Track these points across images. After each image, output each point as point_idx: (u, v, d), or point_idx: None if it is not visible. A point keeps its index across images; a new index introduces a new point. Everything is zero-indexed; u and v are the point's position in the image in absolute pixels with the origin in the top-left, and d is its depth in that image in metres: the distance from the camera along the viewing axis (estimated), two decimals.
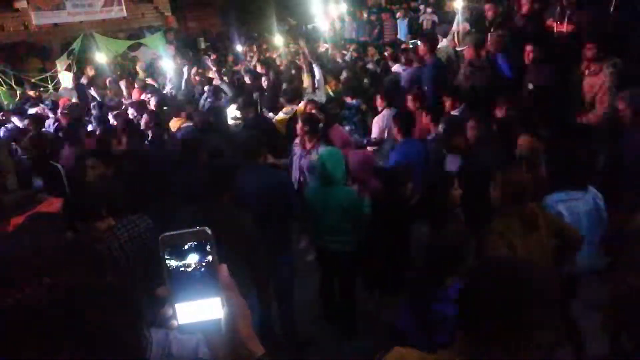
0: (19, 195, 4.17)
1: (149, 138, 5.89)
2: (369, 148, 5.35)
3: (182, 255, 0.86)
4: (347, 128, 5.85)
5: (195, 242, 0.86)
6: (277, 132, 5.66)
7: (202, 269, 0.87)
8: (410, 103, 5.23)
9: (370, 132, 5.59)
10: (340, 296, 4.04)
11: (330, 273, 4.02)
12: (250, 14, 17.94)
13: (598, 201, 3.23)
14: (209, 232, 0.88)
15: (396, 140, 4.51)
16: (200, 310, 0.87)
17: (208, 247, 0.87)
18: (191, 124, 6.03)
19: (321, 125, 4.78)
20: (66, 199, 3.44)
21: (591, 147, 5.34)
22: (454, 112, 5.07)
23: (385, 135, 5.32)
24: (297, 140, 4.84)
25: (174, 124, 6.21)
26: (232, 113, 6.42)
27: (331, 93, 6.94)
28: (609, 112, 4.81)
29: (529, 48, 5.42)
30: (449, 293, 2.39)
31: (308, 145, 4.58)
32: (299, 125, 4.62)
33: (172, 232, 0.86)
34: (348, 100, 6.02)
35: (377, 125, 5.41)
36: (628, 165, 4.03)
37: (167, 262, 0.86)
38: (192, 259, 0.87)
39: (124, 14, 15.42)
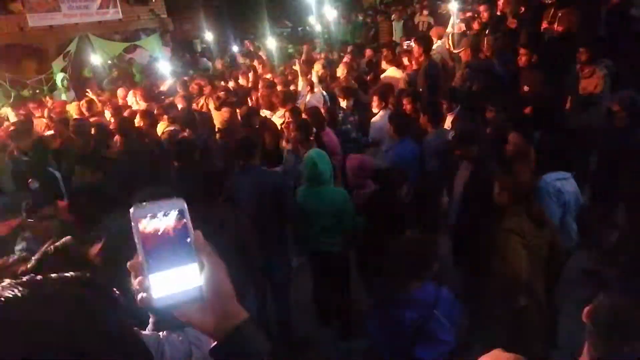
0: (15, 197, 4.19)
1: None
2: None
3: (154, 224, 0.82)
4: (343, 128, 5.86)
5: (168, 211, 0.83)
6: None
7: (177, 237, 0.83)
8: (405, 104, 5.26)
9: (367, 133, 5.60)
10: (334, 297, 4.05)
11: (324, 274, 4.03)
12: (245, 16, 17.96)
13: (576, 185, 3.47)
14: (183, 201, 0.85)
15: (391, 140, 4.52)
16: (177, 280, 0.82)
17: (181, 215, 0.84)
18: (175, 127, 6.03)
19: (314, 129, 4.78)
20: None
21: (584, 147, 5.41)
22: (450, 114, 5.11)
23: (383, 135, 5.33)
24: (289, 147, 4.82)
25: (159, 128, 6.19)
26: None
27: (325, 94, 6.95)
28: (602, 113, 4.87)
29: (522, 52, 5.47)
30: (413, 297, 2.41)
31: (302, 152, 4.55)
32: (293, 132, 4.61)
33: (144, 203, 0.83)
34: (342, 102, 6.02)
35: (374, 126, 5.42)
36: (622, 165, 4.11)
37: (139, 232, 0.81)
38: (166, 227, 0.83)
39: (120, 16, 15.37)
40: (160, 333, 1.74)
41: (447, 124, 5.01)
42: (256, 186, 3.65)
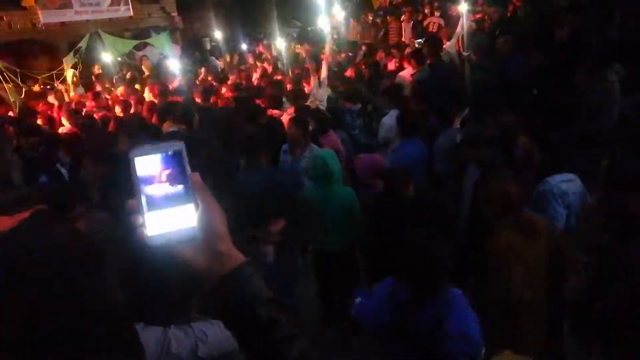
0: (24, 190, 4.23)
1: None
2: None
3: (152, 164, 0.84)
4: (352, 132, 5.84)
5: (166, 152, 0.85)
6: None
7: (174, 177, 0.85)
8: (414, 104, 5.24)
9: (376, 134, 5.58)
10: (340, 296, 4.05)
11: (330, 273, 4.03)
12: (255, 14, 18.00)
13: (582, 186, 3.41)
14: (181, 143, 0.86)
15: (399, 140, 4.50)
16: (172, 219, 0.83)
17: (179, 156, 0.85)
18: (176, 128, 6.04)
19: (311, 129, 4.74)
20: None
21: (595, 152, 5.35)
22: (459, 117, 5.08)
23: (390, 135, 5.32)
24: (284, 147, 4.74)
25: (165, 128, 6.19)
26: None
27: (331, 94, 6.95)
28: (613, 119, 4.83)
29: (533, 54, 5.43)
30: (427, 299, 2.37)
31: (298, 152, 4.52)
32: (292, 129, 4.51)
33: (144, 145, 0.85)
34: (348, 105, 5.99)
35: (385, 126, 5.40)
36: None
37: (137, 171, 0.83)
38: (163, 167, 0.84)
39: (130, 13, 15.50)
40: (168, 329, 1.76)
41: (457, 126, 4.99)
42: (263, 185, 3.65)
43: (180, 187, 0.84)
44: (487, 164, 3.64)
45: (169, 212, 0.83)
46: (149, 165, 0.84)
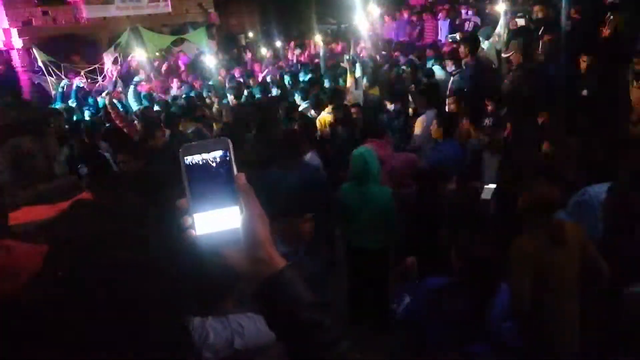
0: (65, 180, 4.38)
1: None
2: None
3: (201, 164, 0.84)
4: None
5: (214, 152, 0.85)
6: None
7: (221, 178, 0.84)
8: (451, 105, 5.18)
9: (411, 136, 5.52)
10: (374, 294, 4.04)
11: (361, 271, 4.02)
12: (290, 12, 18.07)
13: None
14: (229, 141, 0.86)
15: (436, 139, 4.45)
16: (218, 220, 0.84)
17: (227, 155, 0.85)
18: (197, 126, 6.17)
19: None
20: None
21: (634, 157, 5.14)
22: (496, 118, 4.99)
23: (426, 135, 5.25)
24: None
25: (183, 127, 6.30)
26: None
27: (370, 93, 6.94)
28: None
29: (583, 57, 5.25)
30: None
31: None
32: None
33: (193, 143, 0.85)
34: (388, 105, 5.94)
35: (419, 126, 5.35)
36: None
37: (187, 171, 0.84)
38: (211, 167, 0.84)
39: (169, 9, 15.81)
40: (205, 319, 1.79)
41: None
42: (295, 183, 3.67)
43: (227, 188, 0.85)
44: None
45: (215, 214, 0.84)
46: (198, 164, 0.84)
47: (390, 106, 5.93)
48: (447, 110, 5.29)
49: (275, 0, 18.59)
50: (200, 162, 0.84)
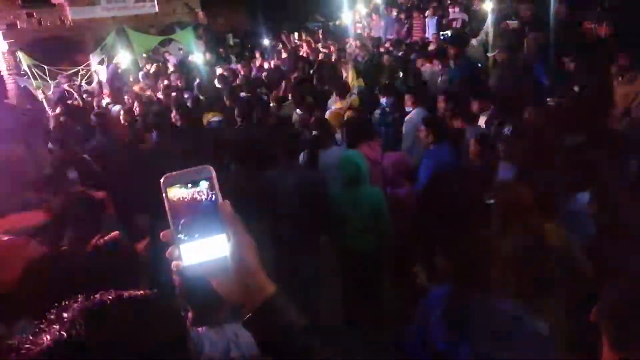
0: (55, 186, 4.32)
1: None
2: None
3: (183, 193, 0.83)
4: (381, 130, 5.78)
5: (197, 180, 0.84)
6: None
7: (206, 207, 0.84)
8: (440, 102, 5.19)
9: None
10: (368, 296, 4.06)
11: (355, 273, 4.03)
12: (278, 10, 18.01)
13: None
14: (211, 169, 0.85)
15: (427, 144, 4.42)
16: (205, 249, 0.83)
17: (210, 184, 0.84)
18: (218, 118, 6.13)
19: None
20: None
21: (623, 154, 5.22)
22: (484, 115, 5.02)
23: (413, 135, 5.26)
24: None
25: (205, 118, 6.32)
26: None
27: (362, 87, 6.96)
28: None
29: (568, 59, 5.31)
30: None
31: None
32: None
33: (174, 172, 0.84)
34: (383, 100, 5.88)
35: (408, 124, 5.35)
36: None
37: (170, 201, 0.82)
38: (195, 197, 0.83)
39: (156, 9, 15.70)
40: (200, 329, 1.79)
41: (481, 124, 4.93)
42: (297, 183, 3.69)
43: (212, 216, 0.84)
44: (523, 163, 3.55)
45: (202, 243, 0.83)
46: (180, 193, 0.83)
47: (383, 99, 5.87)
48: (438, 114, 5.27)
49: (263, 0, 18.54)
50: (183, 192, 0.83)
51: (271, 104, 6.87)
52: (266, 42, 14.59)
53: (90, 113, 6.64)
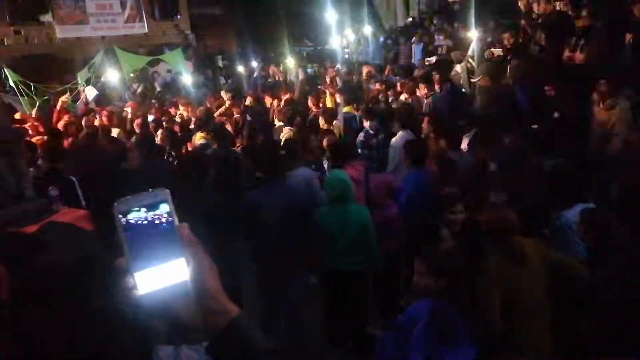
0: (35, 204, 4.25)
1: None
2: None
3: (138, 219, 0.79)
4: (360, 152, 5.83)
5: (152, 204, 0.80)
6: None
7: (162, 231, 0.80)
8: (425, 126, 5.27)
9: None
10: (351, 317, 4.02)
11: (342, 293, 4.00)
12: (266, 33, 18.28)
13: None
14: (167, 191, 0.82)
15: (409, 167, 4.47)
16: (164, 275, 0.79)
17: (166, 207, 0.81)
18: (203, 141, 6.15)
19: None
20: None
21: (605, 176, 5.33)
22: (466, 137, 5.12)
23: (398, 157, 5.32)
24: None
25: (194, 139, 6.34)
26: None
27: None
28: (624, 144, 4.81)
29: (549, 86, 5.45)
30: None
31: None
32: None
33: (126, 197, 0.79)
34: (366, 124, 5.98)
35: (393, 148, 5.42)
36: None
37: (123, 228, 0.78)
38: (150, 221, 0.80)
39: (145, 30, 15.80)
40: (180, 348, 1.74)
41: (463, 147, 5.01)
42: (282, 203, 3.68)
43: (169, 241, 0.80)
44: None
45: (159, 269, 0.79)
46: (134, 219, 0.79)
47: (366, 123, 5.95)
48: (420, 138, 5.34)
49: (252, 22, 18.81)
50: (138, 217, 0.79)
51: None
52: (254, 64, 14.76)
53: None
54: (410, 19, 16.62)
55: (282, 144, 5.16)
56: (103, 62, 12.23)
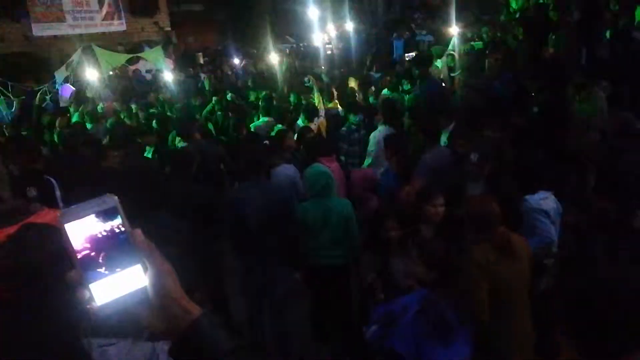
0: (12, 205, 4.17)
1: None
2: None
3: (87, 228, 0.76)
4: (341, 146, 5.85)
5: (99, 212, 0.77)
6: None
7: (114, 239, 0.78)
8: (406, 120, 5.31)
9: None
10: (337, 312, 4.02)
11: (326, 288, 4.01)
12: (248, 30, 18.15)
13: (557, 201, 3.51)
14: (114, 197, 0.78)
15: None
16: (120, 284, 0.77)
17: (115, 213, 0.78)
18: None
19: None
20: None
21: (583, 168, 5.43)
22: (445, 131, 5.16)
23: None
24: None
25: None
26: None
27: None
28: (600, 135, 4.91)
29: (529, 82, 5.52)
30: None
31: None
32: None
33: (71, 206, 0.76)
34: (351, 117, 5.93)
35: (373, 140, 5.44)
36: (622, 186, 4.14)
37: (71, 239, 0.75)
38: (100, 230, 0.77)
39: (124, 27, 15.57)
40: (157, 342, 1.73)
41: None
42: (265, 199, 3.66)
43: (122, 248, 0.78)
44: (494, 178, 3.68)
45: (114, 278, 0.77)
46: (82, 229, 0.76)
47: (352, 118, 5.95)
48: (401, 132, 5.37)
49: (234, 19, 18.65)
50: (86, 227, 0.76)
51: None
52: (236, 61, 14.65)
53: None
54: (392, 15, 16.70)
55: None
56: (81, 60, 12.04)
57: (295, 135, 5.53)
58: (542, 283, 3.22)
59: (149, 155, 5.91)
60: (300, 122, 6.36)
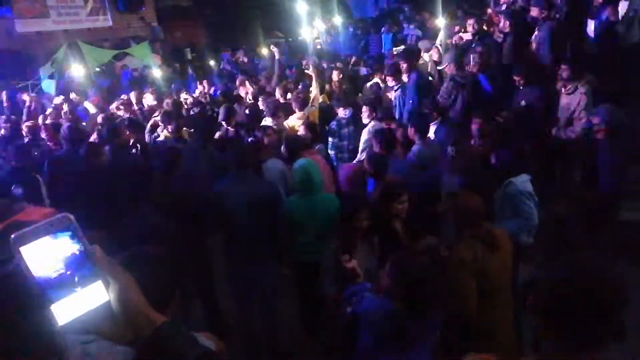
0: None
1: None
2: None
3: (43, 249, 0.75)
4: (330, 140, 5.85)
5: (56, 233, 0.76)
6: None
7: (72, 258, 0.77)
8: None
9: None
10: (324, 308, 4.03)
11: (311, 284, 4.01)
12: (236, 25, 18.03)
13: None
14: (70, 217, 0.78)
15: None
16: (82, 302, 0.77)
17: (73, 232, 0.77)
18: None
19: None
20: None
21: (568, 161, 5.51)
22: (432, 125, 5.19)
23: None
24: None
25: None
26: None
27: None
28: (585, 128, 4.96)
29: (517, 77, 5.55)
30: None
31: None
32: None
33: (26, 229, 0.75)
34: (340, 111, 5.94)
35: (364, 137, 5.46)
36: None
37: (27, 262, 0.74)
38: (58, 250, 0.76)
39: (110, 23, 15.37)
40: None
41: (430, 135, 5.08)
42: (250, 195, 3.65)
43: (82, 266, 0.78)
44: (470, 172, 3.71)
45: (76, 297, 0.77)
46: (39, 250, 0.74)
47: (342, 112, 5.93)
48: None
49: (221, 14, 18.51)
50: (42, 248, 0.75)
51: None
52: (225, 56, 14.54)
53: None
54: (380, 9, 16.68)
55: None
56: (67, 56, 11.87)
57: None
58: (527, 274, 3.26)
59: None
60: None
